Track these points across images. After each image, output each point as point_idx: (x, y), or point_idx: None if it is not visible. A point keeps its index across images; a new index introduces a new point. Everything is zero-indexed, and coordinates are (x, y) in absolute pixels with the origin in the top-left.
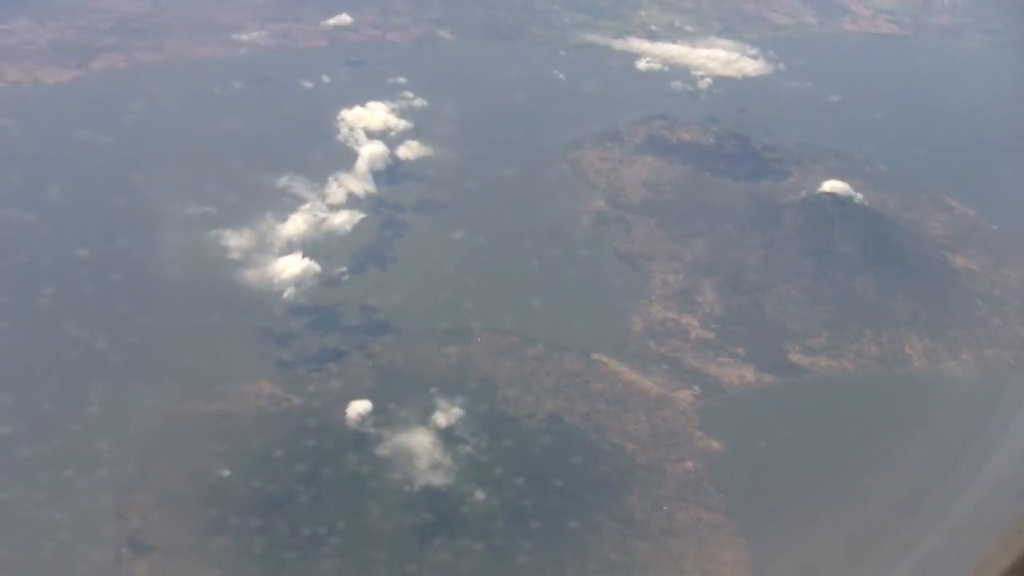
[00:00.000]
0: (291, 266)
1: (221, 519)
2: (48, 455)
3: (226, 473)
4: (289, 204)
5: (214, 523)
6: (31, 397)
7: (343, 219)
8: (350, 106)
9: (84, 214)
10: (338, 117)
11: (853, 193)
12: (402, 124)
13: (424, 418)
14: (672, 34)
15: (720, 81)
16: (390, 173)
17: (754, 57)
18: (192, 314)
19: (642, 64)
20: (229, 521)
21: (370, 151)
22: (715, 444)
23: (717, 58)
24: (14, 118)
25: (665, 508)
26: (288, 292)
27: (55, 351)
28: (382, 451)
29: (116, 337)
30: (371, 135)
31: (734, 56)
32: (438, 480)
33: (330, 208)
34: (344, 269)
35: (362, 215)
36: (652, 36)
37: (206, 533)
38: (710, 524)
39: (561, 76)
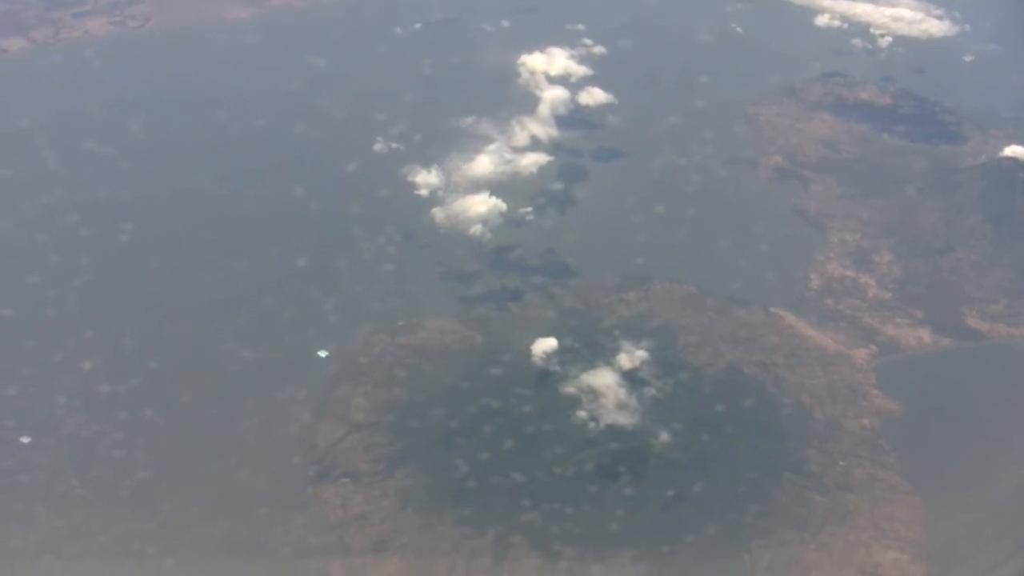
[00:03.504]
0: (478, 205)
1: (406, 449)
2: (243, 382)
3: (411, 405)
4: (474, 144)
5: (399, 453)
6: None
7: (528, 161)
8: (530, 51)
9: (270, 151)
10: (518, 61)
11: None
12: (582, 70)
13: (608, 359)
14: None
15: (901, 40)
16: (571, 118)
17: (939, 18)
18: (380, 248)
19: (821, 20)
20: (414, 452)
21: (552, 96)
22: (892, 403)
23: (902, 17)
24: (200, 54)
25: (842, 463)
26: (474, 230)
27: (263, 280)
28: (568, 389)
29: (308, 268)
30: (551, 80)
31: (919, 16)
32: (623, 420)
33: (514, 150)
34: (529, 210)
35: (547, 158)
36: None
37: (391, 462)
38: (885, 482)
39: (739, 29)
